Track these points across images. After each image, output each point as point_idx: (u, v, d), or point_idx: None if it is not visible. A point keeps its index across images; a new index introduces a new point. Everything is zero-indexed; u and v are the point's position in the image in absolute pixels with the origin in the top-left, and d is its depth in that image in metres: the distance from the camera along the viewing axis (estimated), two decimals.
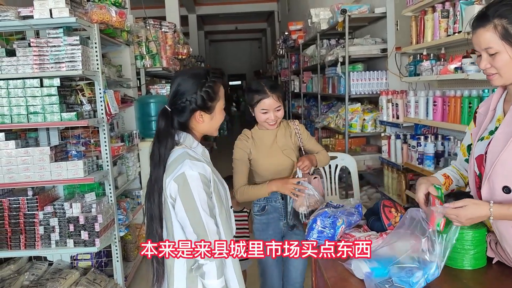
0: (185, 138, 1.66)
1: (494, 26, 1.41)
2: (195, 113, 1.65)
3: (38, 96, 2.76)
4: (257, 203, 2.42)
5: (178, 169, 1.56)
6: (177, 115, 1.66)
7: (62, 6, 2.66)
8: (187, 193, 1.54)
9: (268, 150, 2.33)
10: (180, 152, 1.62)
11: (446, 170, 1.85)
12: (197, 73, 1.70)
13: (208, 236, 1.54)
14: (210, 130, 1.74)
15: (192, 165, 1.56)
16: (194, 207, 1.54)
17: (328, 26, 5.21)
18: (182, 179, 1.54)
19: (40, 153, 2.79)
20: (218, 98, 1.68)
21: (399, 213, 1.98)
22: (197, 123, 1.68)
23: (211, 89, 1.65)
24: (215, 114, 1.70)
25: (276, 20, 13.66)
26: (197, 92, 1.63)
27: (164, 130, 1.64)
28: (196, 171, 1.55)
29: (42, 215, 2.90)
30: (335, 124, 5.17)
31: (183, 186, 1.54)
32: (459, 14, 2.79)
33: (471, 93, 2.78)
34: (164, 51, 4.76)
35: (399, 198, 3.77)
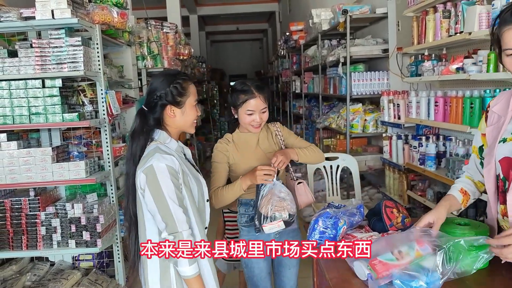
0: (160, 135, 1.79)
1: None
2: (166, 108, 1.78)
3: (40, 97, 2.77)
4: (245, 214, 2.26)
5: (147, 161, 1.66)
6: (151, 112, 1.79)
7: (64, 7, 2.66)
8: (155, 183, 1.64)
9: (251, 153, 2.22)
10: (153, 147, 1.74)
11: (462, 183, 1.76)
12: (168, 73, 1.87)
13: (176, 225, 1.62)
14: (185, 125, 1.85)
15: (160, 157, 1.67)
16: (162, 197, 1.64)
17: (329, 26, 5.21)
18: (150, 170, 1.65)
19: (42, 153, 2.80)
20: (187, 94, 1.80)
21: (401, 213, 1.97)
22: (170, 119, 1.80)
23: (179, 85, 1.78)
24: (186, 109, 1.81)
25: (277, 21, 13.66)
26: (166, 88, 1.76)
27: (138, 128, 1.78)
28: (163, 163, 1.66)
29: (44, 215, 2.91)
30: (336, 124, 5.17)
31: (151, 177, 1.64)
32: (461, 15, 2.79)
33: (472, 93, 2.78)
34: (166, 52, 4.76)
35: (400, 199, 3.76)
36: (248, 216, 2.25)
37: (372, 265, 1.49)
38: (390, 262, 1.47)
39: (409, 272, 1.44)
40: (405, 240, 1.55)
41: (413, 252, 1.49)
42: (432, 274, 1.43)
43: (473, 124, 2.72)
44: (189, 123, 1.86)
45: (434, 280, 1.42)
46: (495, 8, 2.40)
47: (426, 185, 3.47)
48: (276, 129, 2.34)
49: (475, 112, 2.71)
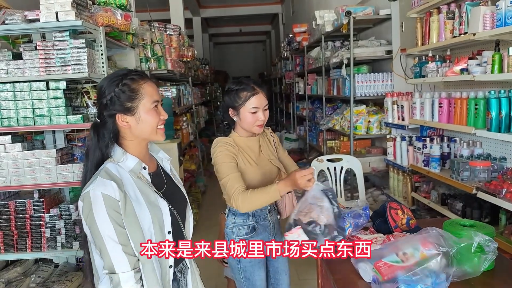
0: (115, 151, 1.48)
1: None
2: (116, 117, 1.46)
3: (44, 99, 2.78)
4: (244, 225, 2.11)
5: (87, 186, 1.41)
6: (101, 125, 1.48)
7: (68, 9, 2.67)
8: (90, 214, 1.37)
9: (256, 159, 2.10)
10: (103, 166, 1.45)
11: None
12: (114, 73, 1.51)
13: (113, 266, 1.37)
14: (145, 133, 1.50)
15: (100, 183, 1.38)
16: (97, 231, 1.37)
17: (332, 28, 5.21)
18: (86, 198, 1.38)
19: (46, 155, 2.81)
20: (140, 97, 1.46)
21: (406, 215, 1.97)
22: (124, 129, 1.48)
23: (127, 87, 1.45)
24: (141, 115, 1.46)
25: (281, 23, 13.68)
26: (110, 93, 1.45)
27: (91, 144, 1.50)
28: (99, 191, 1.37)
29: (48, 217, 2.92)
30: (340, 126, 5.16)
31: (86, 206, 1.38)
32: (465, 15, 2.78)
33: (477, 94, 2.77)
34: (169, 54, 4.77)
35: (405, 200, 3.75)
36: (248, 227, 2.11)
37: (377, 267, 1.48)
38: (395, 264, 1.47)
39: (414, 274, 1.43)
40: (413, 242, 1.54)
41: (418, 253, 1.48)
42: (438, 276, 1.42)
43: (478, 126, 2.71)
44: (149, 130, 1.49)
45: (440, 282, 1.42)
46: (499, 9, 2.39)
47: (430, 187, 3.45)
48: (271, 135, 2.30)
49: (480, 113, 2.70)
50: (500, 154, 2.88)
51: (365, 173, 4.00)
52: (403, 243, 1.56)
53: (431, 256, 1.46)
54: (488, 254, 1.45)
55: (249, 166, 2.06)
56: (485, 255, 1.45)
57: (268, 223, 2.16)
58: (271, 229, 2.18)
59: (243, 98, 2.02)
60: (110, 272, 1.38)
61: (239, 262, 2.11)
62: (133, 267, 1.39)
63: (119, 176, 1.44)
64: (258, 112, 2.03)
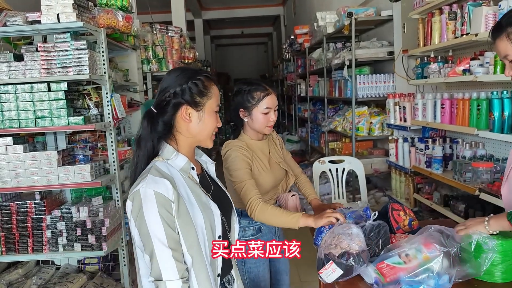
0: (164, 148, 1.43)
1: (507, 35, 1.44)
2: (180, 108, 1.41)
3: (45, 100, 2.78)
4: (249, 226, 2.11)
5: (137, 184, 1.34)
6: (161, 113, 1.42)
7: (69, 11, 2.67)
8: (140, 215, 1.30)
9: (267, 163, 2.12)
10: (151, 165, 1.39)
11: None
12: (186, 68, 1.52)
13: (160, 273, 1.28)
14: (201, 135, 1.46)
15: (151, 181, 1.32)
16: (147, 233, 1.29)
17: (334, 29, 5.20)
18: (136, 197, 1.31)
19: (48, 157, 2.80)
20: (209, 95, 1.45)
21: (408, 216, 1.96)
22: (184, 124, 1.43)
23: (201, 82, 1.43)
24: (205, 114, 1.44)
25: (282, 24, 13.68)
26: (183, 84, 1.41)
27: (144, 133, 1.42)
28: (151, 189, 1.30)
29: (49, 219, 2.91)
30: (342, 127, 5.15)
31: (136, 205, 1.31)
32: (467, 16, 2.77)
33: (479, 95, 2.76)
34: (171, 56, 4.77)
35: (407, 202, 3.73)
36: (254, 229, 2.11)
37: (379, 269, 1.47)
38: (398, 266, 1.46)
39: (417, 276, 1.42)
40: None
41: (420, 255, 1.47)
42: (441, 277, 1.41)
43: (480, 126, 2.69)
44: (206, 132, 1.47)
45: (443, 283, 1.41)
46: (501, 9, 2.38)
47: (432, 188, 3.44)
48: (277, 137, 2.32)
49: (482, 114, 2.68)
50: (503, 155, 2.86)
51: (367, 174, 3.99)
52: (406, 244, 1.55)
53: (433, 257, 1.45)
54: (488, 252, 1.44)
55: (262, 171, 2.07)
56: (485, 253, 1.44)
57: None
58: (275, 230, 2.21)
59: (256, 98, 2.01)
60: (156, 280, 1.29)
61: (244, 263, 2.11)
62: (181, 276, 1.30)
63: (170, 174, 1.38)
64: (270, 112, 2.03)
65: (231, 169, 1.99)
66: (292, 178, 2.24)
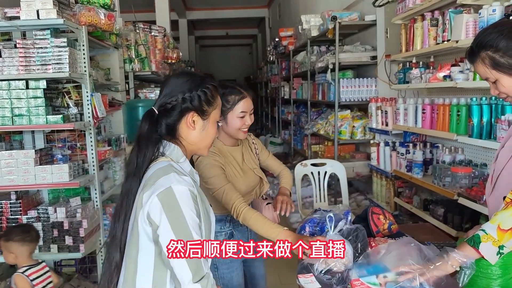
0: (172, 150, 1.40)
1: (482, 60, 1.44)
2: (187, 114, 1.39)
3: (23, 98, 2.71)
4: (222, 231, 2.08)
5: (161, 183, 1.28)
6: (165, 115, 1.39)
7: (49, 7, 2.62)
8: (177, 214, 1.24)
9: (240, 169, 2.08)
10: (165, 164, 1.35)
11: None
12: (195, 74, 1.49)
13: (203, 267, 1.26)
14: (201, 144, 1.45)
15: (180, 179, 1.29)
16: (187, 232, 1.24)
17: (318, 32, 5.23)
18: (169, 196, 1.25)
19: (25, 156, 2.74)
20: (214, 105, 1.44)
21: (388, 220, 1.97)
22: (187, 130, 1.41)
23: (209, 91, 1.42)
24: (209, 123, 1.43)
25: (267, 26, 13.70)
26: (192, 90, 1.39)
27: (146, 134, 1.38)
28: (185, 186, 1.28)
29: (25, 219, 2.84)
30: (324, 131, 5.17)
31: (171, 204, 1.25)
32: (448, 23, 2.81)
33: (459, 101, 2.80)
34: (154, 55, 4.72)
35: (387, 205, 3.77)
36: (226, 234, 2.09)
37: (352, 285, 1.46)
38: (372, 286, 1.45)
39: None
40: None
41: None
42: None
43: (460, 132, 2.73)
44: (207, 142, 1.46)
45: None
46: (481, 17, 2.42)
47: (413, 192, 3.47)
48: (252, 141, 2.25)
49: (462, 120, 2.72)
50: (481, 160, 2.91)
51: (349, 178, 4.01)
52: (384, 253, 1.54)
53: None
54: (465, 269, 1.41)
55: (234, 177, 2.03)
56: (463, 270, 1.42)
57: (245, 228, 2.12)
58: (248, 235, 2.18)
59: (231, 102, 1.96)
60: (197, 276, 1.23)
61: (216, 269, 2.06)
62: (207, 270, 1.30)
63: (187, 175, 1.36)
64: (246, 116, 1.99)
65: (205, 177, 1.93)
66: (267, 185, 2.20)
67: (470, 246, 1.36)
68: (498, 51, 1.40)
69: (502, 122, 2.34)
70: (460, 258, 1.38)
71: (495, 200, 1.54)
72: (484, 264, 1.45)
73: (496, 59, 1.41)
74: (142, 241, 1.30)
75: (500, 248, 1.33)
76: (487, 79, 1.47)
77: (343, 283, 1.51)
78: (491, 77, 1.45)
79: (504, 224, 1.32)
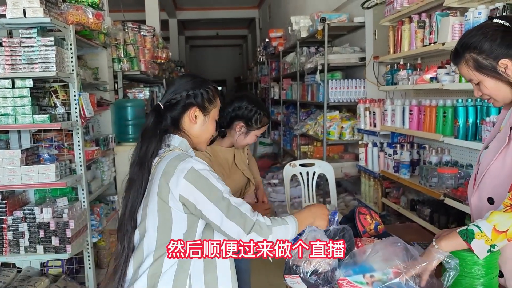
0: (181, 142, 1.53)
1: (466, 61, 1.45)
2: (190, 109, 1.53)
3: (9, 97, 2.68)
4: None
5: (182, 167, 1.39)
6: (170, 109, 1.53)
7: (36, 5, 2.59)
8: (208, 187, 1.38)
9: (229, 169, 2.22)
10: (179, 153, 1.46)
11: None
12: (197, 75, 1.65)
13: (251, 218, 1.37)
14: (201, 138, 1.59)
15: (198, 160, 1.44)
16: (222, 198, 1.37)
17: (307, 34, 5.25)
18: (194, 175, 1.38)
19: (10, 156, 2.70)
20: (215, 104, 1.60)
21: (374, 220, 1.98)
22: (189, 124, 1.55)
23: (211, 91, 1.58)
24: (209, 119, 1.58)
25: (257, 27, 13.72)
26: (196, 88, 1.55)
27: (151, 127, 1.50)
28: (204, 165, 1.42)
29: (11, 220, 2.80)
30: (313, 131, 5.20)
31: (199, 181, 1.37)
32: (435, 25, 2.84)
33: (445, 102, 2.83)
34: (143, 55, 4.70)
35: (375, 206, 3.79)
36: None
37: (339, 284, 1.47)
38: (359, 285, 1.46)
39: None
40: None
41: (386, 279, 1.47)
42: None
43: (446, 133, 2.77)
44: (206, 136, 1.61)
45: None
46: (467, 19, 2.45)
47: (400, 193, 3.51)
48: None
49: (448, 121, 2.76)
50: (467, 161, 2.95)
51: (337, 178, 4.04)
52: (370, 252, 1.55)
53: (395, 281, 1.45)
54: (450, 270, 1.43)
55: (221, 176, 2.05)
56: (447, 272, 1.44)
57: None
58: None
59: (263, 123, 2.20)
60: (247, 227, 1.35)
61: None
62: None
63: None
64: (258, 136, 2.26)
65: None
66: (253, 186, 2.34)
67: (463, 240, 1.39)
68: (482, 53, 1.42)
69: (487, 123, 2.37)
70: (443, 258, 1.41)
71: (478, 201, 1.56)
72: (467, 264, 1.46)
73: (480, 61, 1.43)
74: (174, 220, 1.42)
75: (492, 246, 1.36)
76: (471, 80, 1.49)
77: (329, 283, 1.52)
78: (475, 78, 1.46)
79: (500, 226, 1.35)
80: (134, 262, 1.48)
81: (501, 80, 1.43)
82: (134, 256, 1.49)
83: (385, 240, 1.64)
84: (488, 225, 1.36)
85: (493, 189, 1.49)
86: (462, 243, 1.40)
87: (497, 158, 1.47)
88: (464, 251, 1.44)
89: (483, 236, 1.36)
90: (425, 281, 1.43)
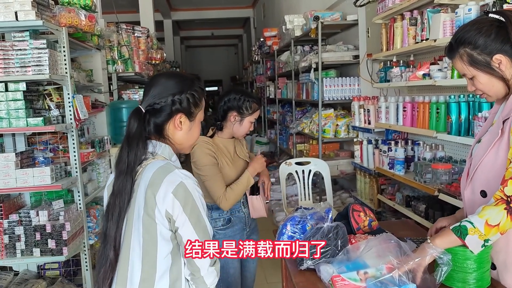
0: (164, 149, 1.43)
1: (460, 56, 1.47)
2: (175, 116, 1.43)
3: (3, 101, 2.67)
4: (221, 217, 2.32)
5: (170, 179, 1.33)
6: (154, 115, 1.42)
7: (28, 9, 2.59)
8: (195, 208, 1.35)
9: (231, 159, 2.35)
10: (163, 162, 1.38)
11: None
12: (184, 75, 1.53)
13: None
14: (185, 144, 1.50)
15: (186, 174, 1.38)
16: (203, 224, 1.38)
17: (302, 32, 5.26)
18: (182, 190, 1.33)
19: (5, 159, 2.70)
20: (200, 106, 1.50)
21: (368, 217, 2.00)
22: (174, 130, 1.45)
23: (197, 93, 1.47)
24: (194, 124, 1.49)
25: (252, 27, 13.72)
26: (182, 93, 1.43)
27: (136, 133, 1.38)
28: (192, 179, 1.38)
29: (7, 223, 2.81)
30: (309, 129, 5.21)
31: (186, 198, 1.33)
32: (427, 22, 2.86)
33: (438, 99, 2.85)
34: (137, 56, 4.70)
35: (371, 203, 3.81)
36: (224, 220, 2.33)
37: (333, 281, 1.48)
38: (353, 282, 1.47)
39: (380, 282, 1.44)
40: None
41: (379, 275, 1.48)
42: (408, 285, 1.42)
43: (439, 129, 2.78)
44: (191, 141, 1.52)
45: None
46: (458, 16, 2.46)
47: (395, 189, 3.52)
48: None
49: (441, 117, 2.77)
50: (460, 156, 2.96)
51: (333, 176, 4.05)
52: (364, 249, 1.57)
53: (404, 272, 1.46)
54: (442, 266, 1.45)
55: (226, 166, 2.29)
56: (440, 267, 1.45)
57: (242, 214, 2.39)
58: (245, 220, 2.40)
59: (253, 109, 2.31)
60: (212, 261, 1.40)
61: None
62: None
63: None
64: (253, 123, 2.36)
65: (199, 164, 2.22)
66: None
67: (456, 236, 1.41)
68: (476, 48, 1.43)
69: (479, 119, 2.39)
70: (436, 253, 1.43)
71: (471, 194, 1.58)
72: (459, 259, 1.48)
73: (474, 56, 1.44)
74: (160, 238, 1.36)
75: (486, 241, 1.39)
76: (465, 75, 1.50)
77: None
78: (469, 73, 1.48)
79: (492, 220, 1.36)
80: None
81: (495, 75, 1.44)
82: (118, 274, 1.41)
83: (379, 237, 1.66)
84: (480, 220, 1.38)
85: (486, 182, 1.51)
86: (456, 239, 1.42)
87: (490, 151, 1.49)
88: (456, 245, 1.45)
89: (476, 231, 1.38)
90: (418, 277, 1.44)
